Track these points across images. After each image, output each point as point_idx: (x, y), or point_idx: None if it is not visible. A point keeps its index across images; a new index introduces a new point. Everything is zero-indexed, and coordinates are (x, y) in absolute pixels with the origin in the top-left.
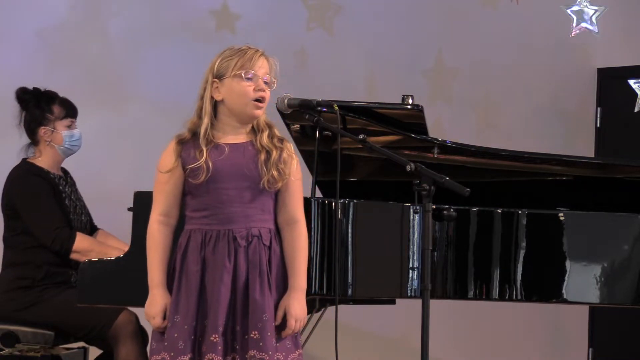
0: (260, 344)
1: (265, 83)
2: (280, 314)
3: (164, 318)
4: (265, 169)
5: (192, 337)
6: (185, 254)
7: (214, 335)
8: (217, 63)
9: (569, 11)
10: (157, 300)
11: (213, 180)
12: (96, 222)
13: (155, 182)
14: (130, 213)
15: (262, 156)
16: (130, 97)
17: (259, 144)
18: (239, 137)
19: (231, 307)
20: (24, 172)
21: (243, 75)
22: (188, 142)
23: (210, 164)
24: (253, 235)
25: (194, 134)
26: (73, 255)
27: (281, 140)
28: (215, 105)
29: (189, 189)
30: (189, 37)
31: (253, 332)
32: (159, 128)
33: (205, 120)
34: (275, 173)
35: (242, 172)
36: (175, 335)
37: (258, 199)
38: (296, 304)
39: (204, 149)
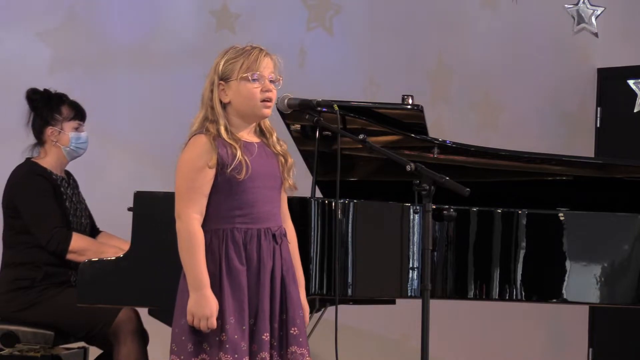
0: (300, 339)
1: (271, 81)
2: None
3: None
4: (284, 173)
5: (248, 337)
6: (228, 254)
7: (265, 334)
8: (221, 65)
9: (569, 11)
10: (211, 300)
11: (251, 178)
12: (96, 222)
13: (189, 180)
14: (130, 213)
15: (282, 159)
16: (130, 97)
17: (274, 147)
18: (253, 136)
19: (271, 304)
20: (27, 171)
21: (250, 77)
22: (217, 139)
23: (248, 161)
24: (282, 234)
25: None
26: (70, 256)
27: (283, 145)
28: (223, 106)
29: (222, 187)
30: (189, 36)
31: (293, 329)
32: (160, 127)
33: (222, 122)
34: (291, 181)
35: (271, 172)
36: (236, 337)
37: (278, 199)
38: (305, 300)
39: (237, 146)
